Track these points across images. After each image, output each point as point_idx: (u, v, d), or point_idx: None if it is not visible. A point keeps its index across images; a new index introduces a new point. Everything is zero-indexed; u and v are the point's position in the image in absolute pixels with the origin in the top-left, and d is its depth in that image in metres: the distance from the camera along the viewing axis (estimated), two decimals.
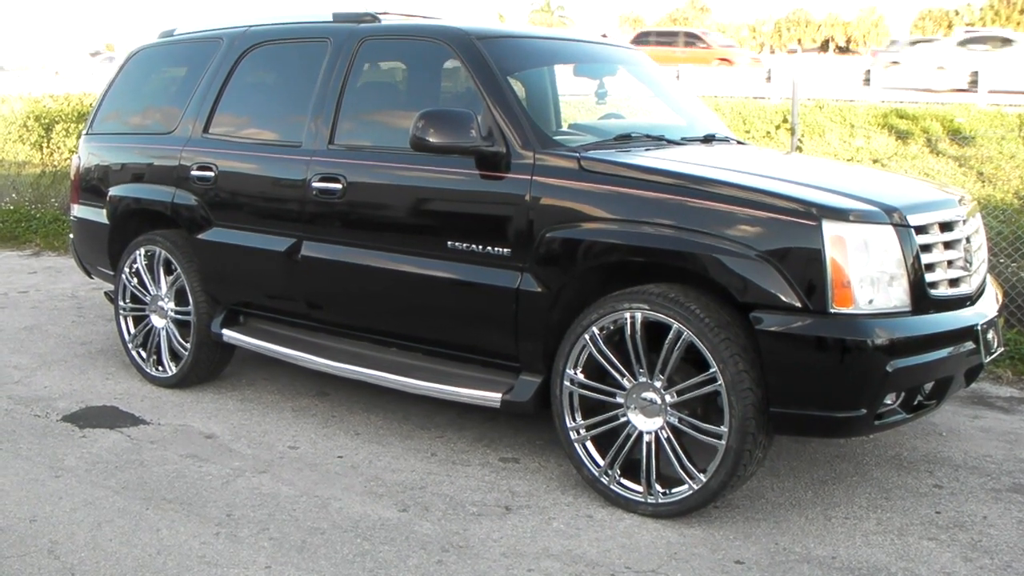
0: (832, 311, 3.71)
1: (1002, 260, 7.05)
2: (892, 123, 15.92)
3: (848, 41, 75.43)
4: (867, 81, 22.64)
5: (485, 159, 4.41)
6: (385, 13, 5.44)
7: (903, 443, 4.96)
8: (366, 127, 5.14)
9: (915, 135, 15.50)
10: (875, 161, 12.92)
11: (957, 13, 73.54)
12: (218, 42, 5.81)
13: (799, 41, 75.99)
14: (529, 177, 4.32)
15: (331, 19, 5.32)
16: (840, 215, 3.76)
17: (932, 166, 13.90)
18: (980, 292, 4.40)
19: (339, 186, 4.89)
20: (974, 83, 22.04)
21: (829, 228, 3.71)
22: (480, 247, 4.45)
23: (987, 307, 4.35)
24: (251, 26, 5.72)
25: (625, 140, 4.75)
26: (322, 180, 4.96)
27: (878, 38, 73.68)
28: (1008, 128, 15.43)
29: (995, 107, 18.08)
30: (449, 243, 4.54)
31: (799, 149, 8.83)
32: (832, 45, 75.46)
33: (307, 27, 5.44)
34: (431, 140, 4.33)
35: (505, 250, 4.37)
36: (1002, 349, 4.42)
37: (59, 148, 13.19)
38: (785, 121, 13.62)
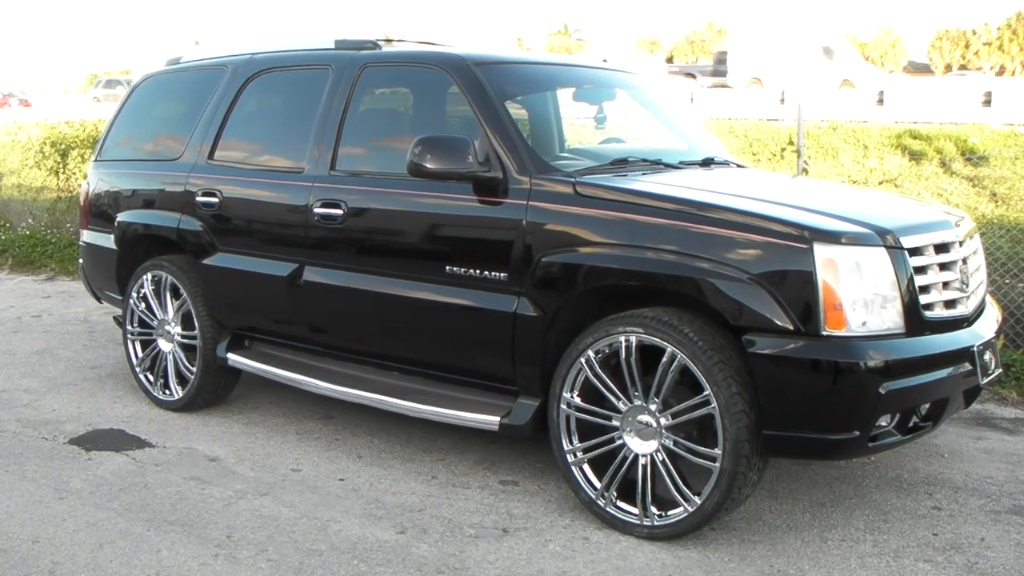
0: (825, 333, 3.72)
1: (1007, 280, 7.03)
2: (905, 143, 15.90)
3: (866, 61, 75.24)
4: (880, 102, 22.66)
5: (482, 184, 4.46)
6: (402, 40, 5.52)
7: (904, 465, 4.96)
8: (367, 153, 5.20)
9: (928, 155, 15.48)
10: (881, 182, 12.90)
11: (974, 33, 73.33)
12: (223, 70, 5.90)
13: None
14: (525, 202, 4.36)
15: (333, 46, 5.39)
16: (831, 238, 3.78)
17: (945, 186, 13.88)
18: (978, 313, 4.40)
19: (340, 211, 4.95)
20: None
21: (820, 251, 3.73)
22: (478, 271, 4.49)
23: (984, 328, 4.35)
24: (255, 54, 5.81)
25: (621, 164, 4.78)
26: (323, 206, 5.02)
27: (895, 58, 73.58)
28: (1022, 148, 15.38)
29: (1009, 127, 18.04)
30: (447, 268, 4.59)
31: (805, 171, 8.84)
32: None
33: (309, 55, 5.53)
34: (428, 166, 4.39)
35: (502, 274, 4.41)
36: (999, 370, 4.42)
37: (75, 174, 13.33)
38: (791, 143, 13.63)
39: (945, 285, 4.13)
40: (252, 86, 5.71)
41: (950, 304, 4.14)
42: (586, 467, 4.28)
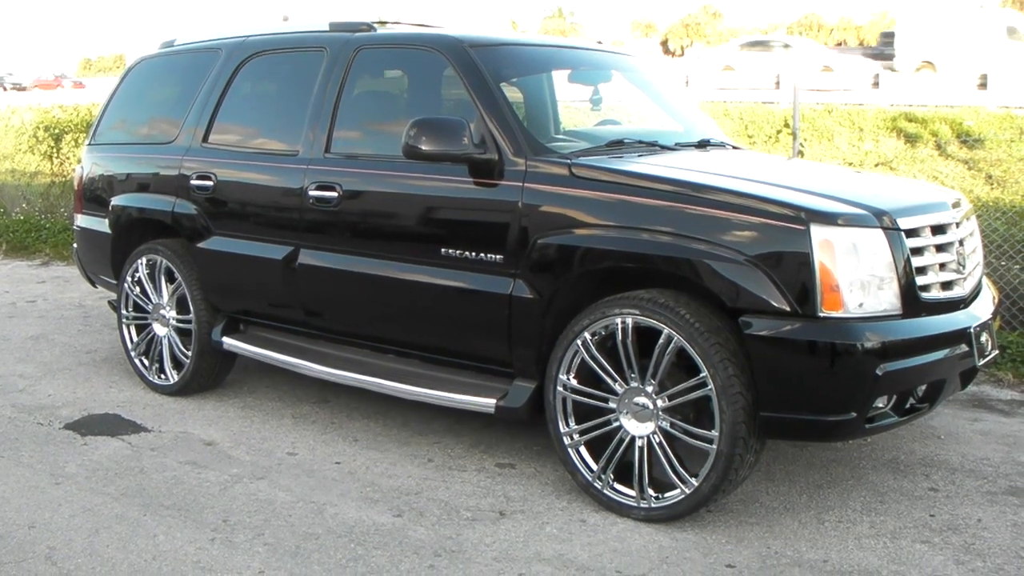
0: (821, 315, 3.71)
1: (1003, 262, 7.03)
2: (901, 126, 15.89)
3: (861, 44, 75.06)
4: (876, 84, 22.63)
5: (478, 166, 4.44)
6: (397, 23, 5.49)
7: (900, 446, 4.96)
8: (362, 135, 5.18)
9: (924, 138, 15.47)
10: (877, 165, 12.88)
11: None
12: (217, 52, 5.86)
13: None
14: (521, 184, 4.34)
15: (327, 28, 5.36)
16: (828, 219, 3.77)
17: (941, 169, 13.88)
18: (975, 295, 4.40)
19: (335, 194, 4.93)
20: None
21: (817, 232, 3.72)
22: (473, 254, 4.47)
23: (981, 310, 4.34)
24: (249, 36, 5.77)
25: (617, 146, 4.77)
26: (318, 188, 4.99)
27: None
28: (1017, 131, 15.37)
29: (1004, 109, 18.00)
30: (443, 250, 4.57)
31: (801, 154, 8.83)
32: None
33: (304, 37, 5.50)
34: (423, 148, 4.37)
35: (498, 257, 4.40)
36: (996, 352, 4.42)
37: (68, 158, 13.28)
38: (787, 125, 13.60)
39: (942, 266, 4.13)
40: (246, 69, 5.67)
41: (947, 286, 4.13)
42: (583, 449, 4.28)
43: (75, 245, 6.92)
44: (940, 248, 4.13)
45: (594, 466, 4.24)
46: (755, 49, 28.95)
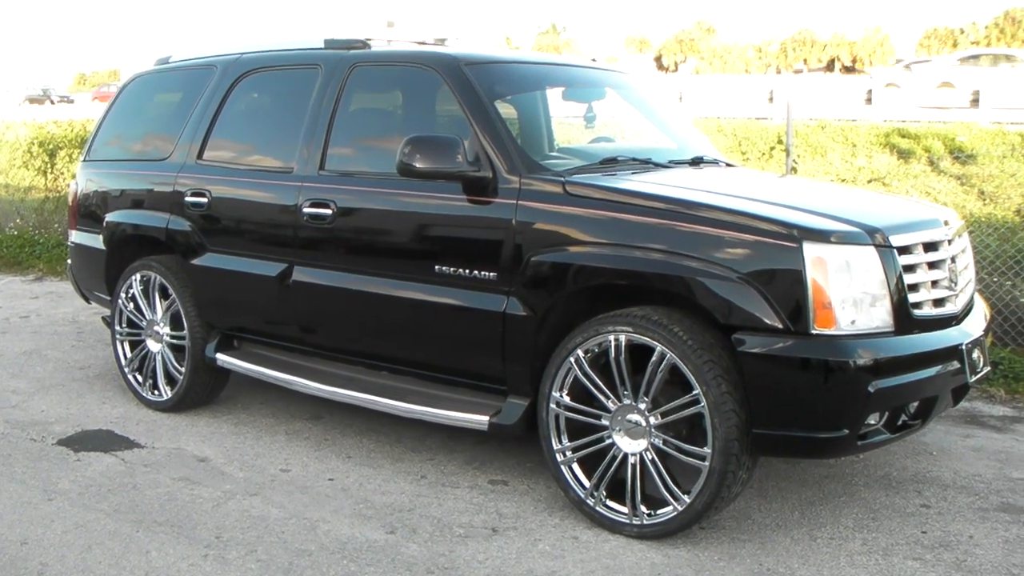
0: (814, 332, 3.73)
1: (995, 278, 7.05)
2: (894, 142, 15.94)
3: (854, 61, 75.48)
4: (869, 101, 22.69)
5: (472, 184, 4.46)
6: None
7: (893, 463, 4.97)
8: (356, 153, 5.19)
9: (917, 154, 15.52)
10: (870, 181, 12.92)
11: (963, 32, 73.57)
12: (212, 69, 5.88)
13: (805, 61, 76.22)
14: (515, 202, 4.36)
15: (322, 46, 5.38)
16: (821, 236, 3.78)
17: (934, 185, 13.91)
18: (967, 311, 4.42)
19: (329, 211, 4.94)
20: (975, 101, 22.23)
21: (810, 249, 3.73)
22: (467, 271, 4.49)
23: (973, 326, 4.36)
24: (244, 53, 5.80)
25: (611, 164, 4.78)
26: (313, 205, 5.01)
27: (883, 57, 73.68)
28: (1009, 146, 15.42)
29: (996, 125, 18.07)
30: (437, 267, 4.58)
31: (794, 170, 8.87)
32: (838, 65, 75.68)
33: (299, 54, 5.51)
34: (417, 165, 4.38)
35: (492, 274, 4.41)
36: (988, 368, 4.43)
37: (63, 174, 13.27)
38: (780, 142, 13.63)
39: (934, 283, 4.15)
40: (241, 86, 5.69)
41: (939, 302, 4.15)
42: (575, 466, 4.28)
43: (69, 261, 6.92)
44: (932, 265, 4.15)
45: (587, 483, 4.24)
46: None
